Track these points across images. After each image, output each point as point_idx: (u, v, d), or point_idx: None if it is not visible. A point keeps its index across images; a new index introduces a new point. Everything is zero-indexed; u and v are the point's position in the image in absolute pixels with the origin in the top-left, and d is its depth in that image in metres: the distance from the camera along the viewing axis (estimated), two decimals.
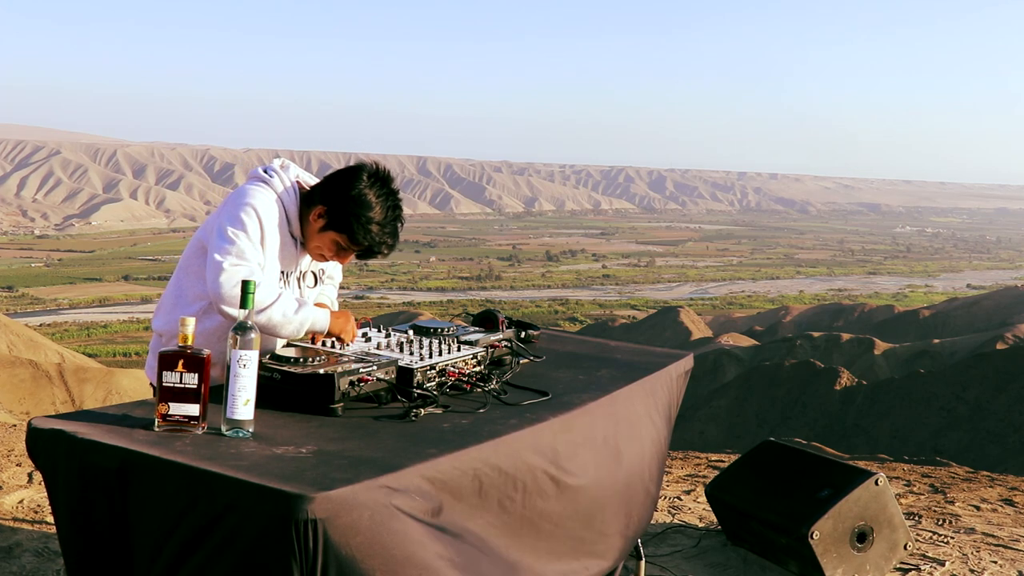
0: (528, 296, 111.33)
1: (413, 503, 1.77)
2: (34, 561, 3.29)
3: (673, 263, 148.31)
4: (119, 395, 23.98)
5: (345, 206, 2.44)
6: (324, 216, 2.46)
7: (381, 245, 2.49)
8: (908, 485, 5.41)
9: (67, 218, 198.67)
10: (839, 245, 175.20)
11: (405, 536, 1.75)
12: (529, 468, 2.16)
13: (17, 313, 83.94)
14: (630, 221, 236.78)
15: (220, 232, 2.36)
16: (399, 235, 2.53)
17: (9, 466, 4.71)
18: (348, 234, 2.46)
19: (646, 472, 2.80)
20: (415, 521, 1.78)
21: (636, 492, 2.73)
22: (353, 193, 2.44)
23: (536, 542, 2.20)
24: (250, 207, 2.39)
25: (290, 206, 2.49)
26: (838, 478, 3.42)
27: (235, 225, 2.36)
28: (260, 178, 2.50)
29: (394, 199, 2.49)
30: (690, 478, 5.38)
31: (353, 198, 2.43)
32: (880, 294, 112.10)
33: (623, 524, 2.65)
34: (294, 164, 2.60)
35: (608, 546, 2.56)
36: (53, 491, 1.89)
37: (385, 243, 2.49)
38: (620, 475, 2.60)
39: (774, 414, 33.32)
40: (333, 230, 2.47)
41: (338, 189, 2.46)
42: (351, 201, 2.43)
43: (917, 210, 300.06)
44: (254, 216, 2.38)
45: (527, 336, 3.16)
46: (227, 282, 2.28)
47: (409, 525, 1.76)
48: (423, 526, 1.80)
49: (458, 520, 1.91)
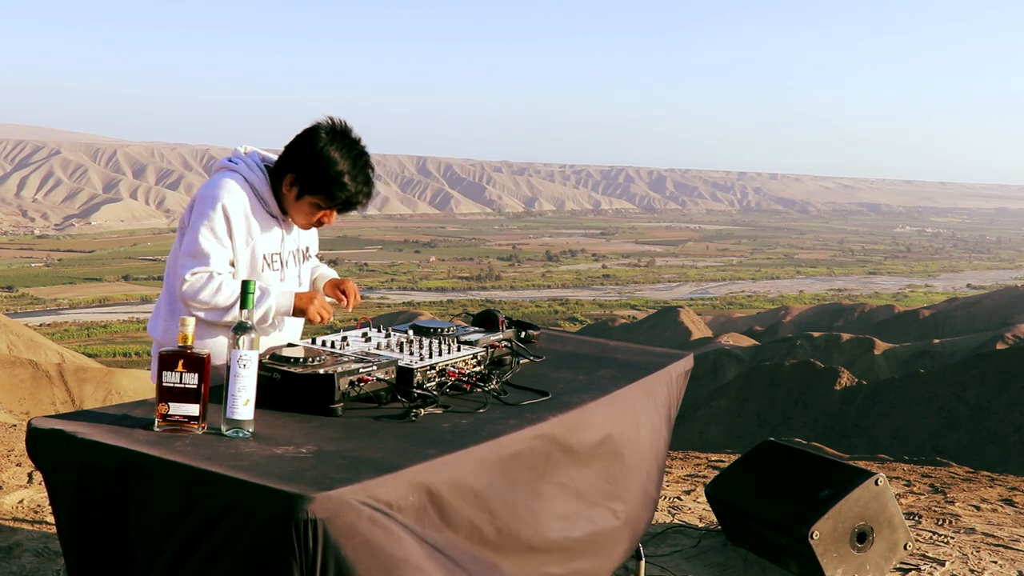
0: (528, 296, 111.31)
1: (413, 503, 1.77)
2: (34, 561, 3.29)
3: (673, 263, 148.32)
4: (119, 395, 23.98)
5: (312, 167, 2.45)
6: (296, 183, 2.49)
7: (358, 195, 2.51)
8: (908, 485, 5.41)
9: (67, 218, 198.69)
10: (839, 245, 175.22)
11: (404, 536, 1.75)
12: (529, 468, 2.16)
13: (17, 313, 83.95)
14: (630, 221, 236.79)
15: (188, 239, 2.44)
16: (372, 182, 2.55)
17: (9, 466, 4.71)
18: (323, 193, 2.48)
19: (646, 472, 2.80)
20: (414, 521, 1.78)
21: (636, 492, 2.73)
22: (316, 151, 2.45)
23: (536, 543, 2.19)
24: (214, 201, 2.44)
25: (261, 186, 2.53)
26: (838, 478, 3.42)
27: (199, 226, 2.43)
28: (226, 167, 2.54)
29: (358, 148, 2.50)
30: (690, 478, 5.38)
31: (317, 156, 2.45)
32: (880, 294, 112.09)
33: (623, 525, 2.65)
34: (258, 149, 2.64)
35: (608, 546, 2.56)
36: (53, 491, 1.89)
37: (361, 192, 2.51)
38: (620, 475, 2.60)
39: (774, 414, 33.32)
40: (308, 194, 2.49)
41: (301, 153, 2.47)
42: (316, 160, 2.45)
43: (917, 210, 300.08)
44: (219, 211, 2.43)
45: (527, 336, 3.15)
46: (188, 291, 2.40)
47: (409, 525, 1.76)
48: (422, 526, 1.80)
49: (456, 521, 1.91)
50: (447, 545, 1.86)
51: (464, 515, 1.93)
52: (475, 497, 1.96)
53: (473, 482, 1.96)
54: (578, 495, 2.38)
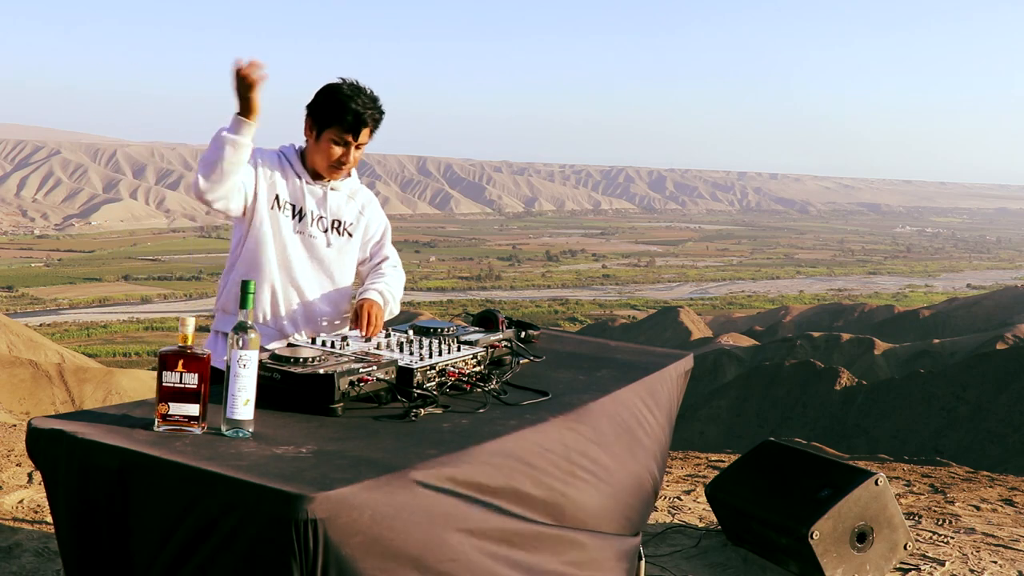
0: (528, 296, 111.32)
1: (413, 503, 1.77)
2: (34, 561, 3.29)
3: (673, 263, 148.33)
4: (119, 395, 24.00)
5: (323, 102, 2.68)
6: (314, 125, 2.70)
7: (366, 110, 2.66)
8: (908, 485, 5.41)
9: (67, 218, 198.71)
10: (839, 245, 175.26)
11: (405, 537, 1.75)
12: (529, 468, 2.15)
13: (17, 313, 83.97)
14: (630, 221, 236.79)
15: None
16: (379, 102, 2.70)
17: (9, 466, 4.71)
18: (336, 121, 2.66)
19: (646, 472, 2.80)
20: (414, 522, 1.78)
21: (636, 493, 2.73)
22: (328, 90, 2.68)
23: (536, 543, 2.19)
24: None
25: (289, 153, 2.78)
26: (838, 478, 3.42)
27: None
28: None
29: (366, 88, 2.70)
30: (690, 478, 5.38)
31: (324, 91, 2.68)
32: (880, 294, 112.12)
33: (622, 525, 2.65)
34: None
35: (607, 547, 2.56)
36: (53, 491, 1.88)
37: (370, 107, 2.67)
38: (620, 475, 2.60)
39: (774, 414, 33.34)
40: (325, 129, 2.68)
41: (316, 99, 2.70)
42: (325, 95, 2.67)
43: (917, 210, 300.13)
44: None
45: (527, 336, 3.15)
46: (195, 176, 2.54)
47: (408, 526, 1.76)
48: (422, 527, 1.80)
49: (455, 522, 1.91)
50: (447, 547, 1.86)
51: (463, 516, 1.92)
52: (474, 497, 1.96)
53: (474, 482, 1.95)
54: (577, 496, 2.37)
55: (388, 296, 2.82)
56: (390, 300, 2.82)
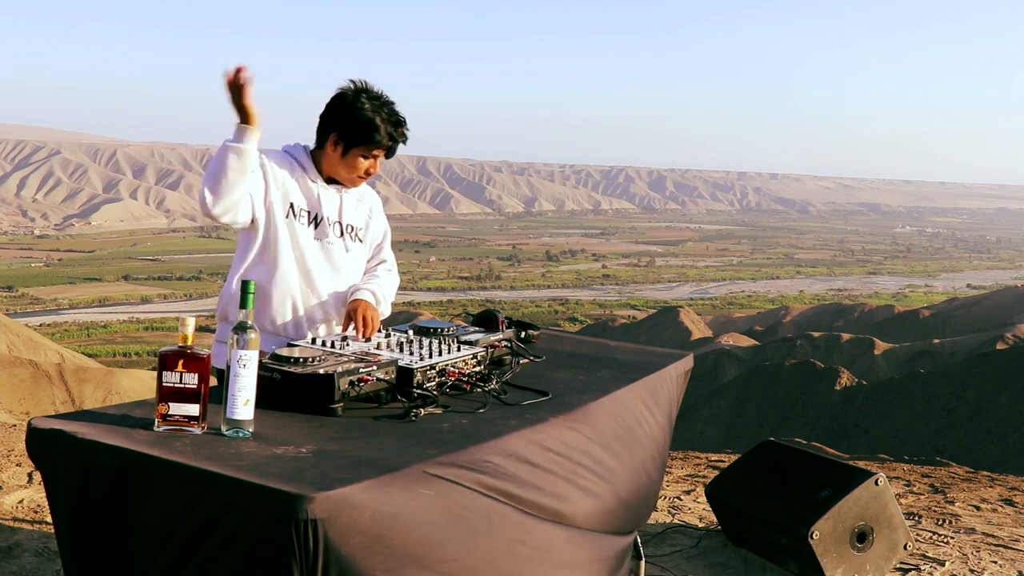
0: (528, 296, 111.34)
1: (413, 503, 1.77)
2: (34, 561, 3.29)
3: (673, 263, 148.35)
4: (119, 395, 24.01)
5: (353, 122, 2.64)
6: (340, 142, 2.67)
7: (398, 134, 2.70)
8: (908, 485, 5.40)
9: (67, 218, 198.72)
10: (839, 245, 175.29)
11: (405, 537, 1.75)
12: (529, 468, 2.15)
13: (17, 313, 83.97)
14: (630, 221, 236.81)
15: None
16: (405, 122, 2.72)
17: (9, 466, 4.71)
18: (368, 141, 2.65)
19: (646, 472, 2.80)
20: (414, 522, 1.78)
21: (636, 492, 2.73)
22: (349, 105, 2.65)
23: (536, 543, 2.19)
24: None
25: (299, 156, 2.74)
26: (838, 478, 3.42)
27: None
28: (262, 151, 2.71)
29: (384, 98, 2.69)
30: (690, 478, 5.38)
31: (351, 110, 2.64)
32: (880, 294, 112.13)
33: (622, 525, 2.65)
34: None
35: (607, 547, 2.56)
36: (53, 491, 1.88)
37: (401, 127, 2.70)
38: (620, 475, 2.60)
39: (774, 414, 33.34)
40: (354, 147, 2.67)
41: (337, 114, 2.67)
42: (355, 114, 2.64)
43: (917, 210, 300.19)
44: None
45: (527, 336, 3.15)
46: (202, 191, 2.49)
47: (409, 526, 1.76)
48: (422, 527, 1.80)
49: (454, 521, 1.91)
50: (447, 547, 1.86)
51: (461, 516, 1.92)
52: (473, 498, 1.96)
53: (474, 481, 1.95)
54: (577, 496, 2.37)
55: (380, 296, 2.79)
56: (382, 301, 2.79)
